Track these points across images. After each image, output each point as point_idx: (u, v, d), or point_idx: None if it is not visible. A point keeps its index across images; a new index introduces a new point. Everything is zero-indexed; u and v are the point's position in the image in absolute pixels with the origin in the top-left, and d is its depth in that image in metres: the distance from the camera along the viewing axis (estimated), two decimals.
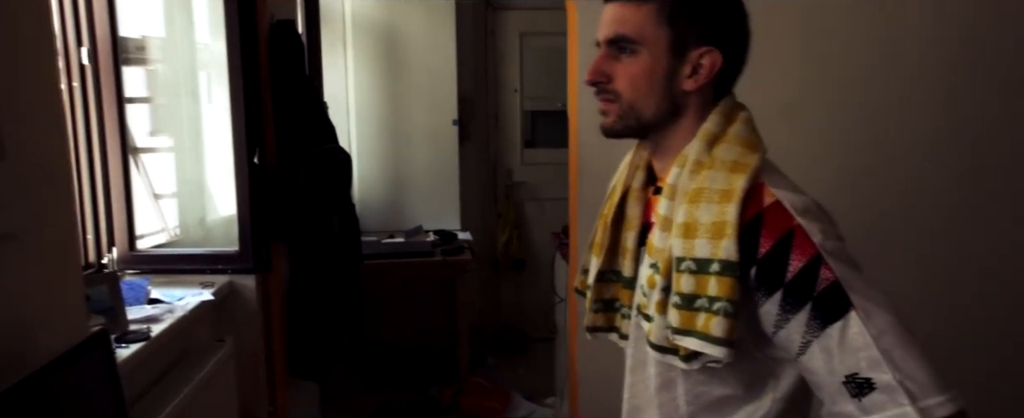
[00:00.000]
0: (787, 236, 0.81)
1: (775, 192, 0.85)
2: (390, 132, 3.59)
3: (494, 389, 3.20)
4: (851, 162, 2.15)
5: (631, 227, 1.03)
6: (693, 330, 0.86)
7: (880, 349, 0.76)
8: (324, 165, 2.35)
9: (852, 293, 0.78)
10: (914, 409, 0.74)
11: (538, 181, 3.94)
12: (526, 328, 3.89)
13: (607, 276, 1.07)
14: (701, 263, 0.85)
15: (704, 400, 0.96)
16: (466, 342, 3.25)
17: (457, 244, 3.33)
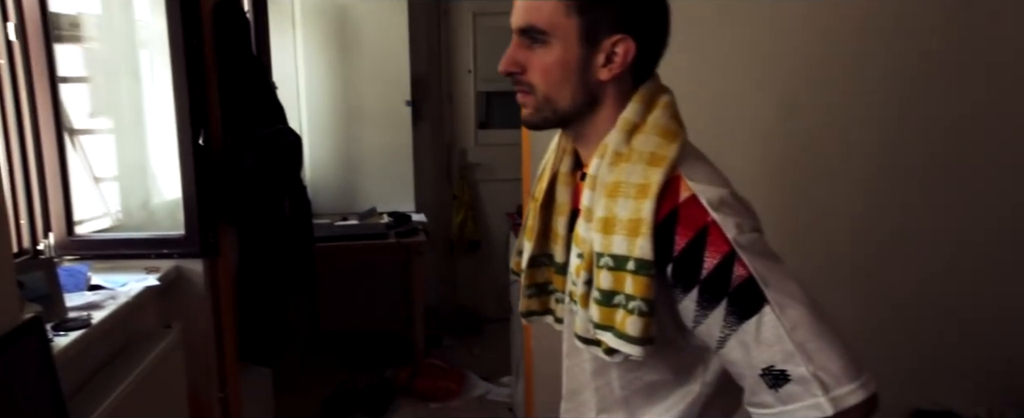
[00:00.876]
0: (702, 233, 0.81)
1: (691, 185, 0.84)
2: (342, 113, 3.54)
3: (450, 370, 3.22)
4: (779, 154, 2.23)
5: (561, 212, 1.02)
6: (611, 327, 0.87)
7: (794, 342, 0.77)
8: (273, 147, 2.30)
9: (766, 288, 0.79)
10: (826, 399, 0.76)
11: (493, 162, 3.94)
12: (482, 309, 3.91)
13: (540, 260, 1.07)
14: (618, 260, 0.85)
15: (637, 385, 0.97)
16: (421, 324, 3.25)
17: (411, 226, 3.32)
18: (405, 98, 3.56)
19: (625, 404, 1.00)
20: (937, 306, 2.37)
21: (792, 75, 2.17)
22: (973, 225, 2.31)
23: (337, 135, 3.55)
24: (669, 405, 0.97)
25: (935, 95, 2.23)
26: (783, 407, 0.79)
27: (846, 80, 2.18)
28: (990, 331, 2.41)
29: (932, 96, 2.23)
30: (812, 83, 2.18)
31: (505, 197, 3.62)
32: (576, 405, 1.08)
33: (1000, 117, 2.25)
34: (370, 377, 3.15)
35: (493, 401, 3.05)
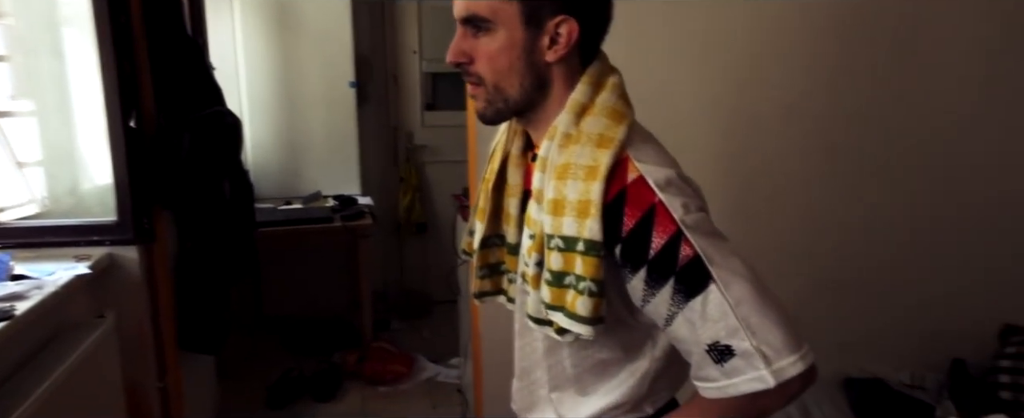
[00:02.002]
0: (649, 213, 0.82)
1: (639, 166, 0.85)
2: (284, 95, 3.45)
3: (399, 353, 3.21)
4: (726, 143, 2.29)
5: (513, 193, 1.02)
6: (562, 307, 0.88)
7: (738, 318, 0.80)
8: (211, 129, 2.23)
9: (712, 266, 0.81)
10: (768, 371, 0.79)
11: (440, 144, 3.91)
12: (430, 291, 3.90)
13: (492, 241, 1.07)
14: (568, 241, 0.86)
15: (588, 363, 1.00)
16: (369, 307, 3.23)
17: (357, 209, 3.27)
18: (349, 79, 3.49)
19: (576, 381, 1.02)
20: (867, 284, 2.50)
21: (740, 64, 2.23)
22: (901, 213, 2.45)
23: (279, 117, 3.46)
24: (619, 381, 1.00)
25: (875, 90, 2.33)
26: (728, 381, 0.82)
27: (791, 73, 2.25)
28: (913, 306, 2.55)
29: (871, 90, 2.33)
30: (759, 72, 2.24)
31: (452, 179, 3.61)
32: (528, 383, 1.09)
33: (932, 116, 2.38)
34: (317, 362, 3.11)
35: (442, 383, 3.06)
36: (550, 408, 1.06)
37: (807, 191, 2.39)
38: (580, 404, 1.03)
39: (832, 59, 2.29)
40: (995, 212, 2.50)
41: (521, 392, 1.11)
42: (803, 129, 2.33)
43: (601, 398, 1.01)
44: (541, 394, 1.07)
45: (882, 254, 2.48)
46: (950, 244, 2.51)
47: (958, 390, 2.40)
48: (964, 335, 2.58)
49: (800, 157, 2.36)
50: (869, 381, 2.44)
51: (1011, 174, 2.48)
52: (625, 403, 1.01)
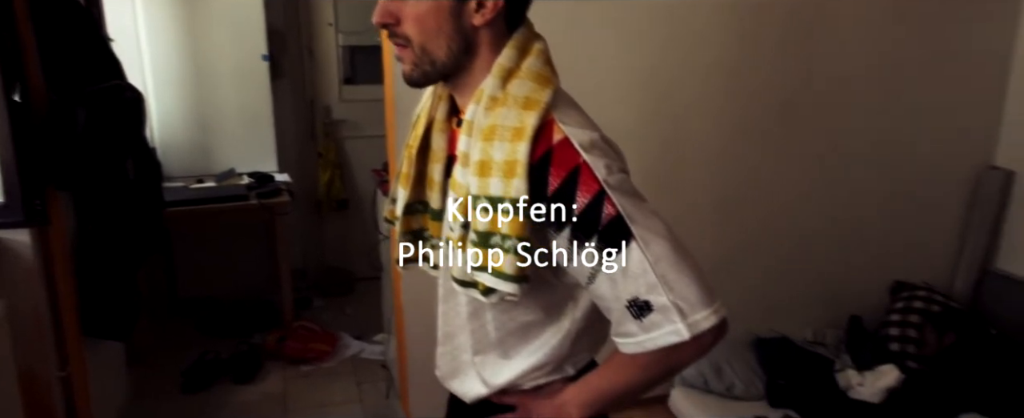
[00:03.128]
0: (574, 173, 0.84)
1: (564, 128, 0.87)
2: (191, 69, 3.29)
3: (321, 332, 3.16)
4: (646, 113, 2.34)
5: (437, 159, 1.02)
6: (488, 267, 0.89)
7: (657, 274, 0.82)
8: (108, 104, 2.11)
9: (633, 225, 0.83)
10: (684, 324, 0.83)
11: (359, 118, 3.83)
12: (353, 268, 3.84)
13: (415, 207, 1.07)
14: (495, 201, 0.87)
15: (511, 326, 1.01)
16: (289, 286, 3.16)
17: (274, 186, 3.18)
18: (261, 52, 3.36)
19: (500, 345, 1.04)
20: (773, 250, 2.63)
21: (657, 46, 2.30)
22: (803, 184, 2.60)
23: (187, 92, 3.30)
24: (541, 343, 1.02)
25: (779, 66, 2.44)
26: (647, 335, 0.85)
27: (702, 50, 2.34)
28: (815, 269, 2.72)
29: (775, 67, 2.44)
30: (674, 52, 2.32)
31: (372, 154, 3.55)
32: (451, 349, 1.10)
33: (829, 91, 2.52)
34: (235, 344, 3.03)
35: (367, 360, 3.04)
36: (473, 372, 1.07)
37: (716, 163, 2.49)
38: (503, 367, 1.05)
39: (740, 36, 2.37)
40: (887, 182, 2.68)
41: (445, 357, 1.12)
42: (716, 104, 2.42)
43: (524, 360, 1.03)
44: (464, 359, 1.08)
45: (787, 222, 2.62)
46: (848, 211, 2.68)
47: (854, 344, 2.58)
48: (861, 293, 2.77)
49: (712, 129, 2.45)
50: (776, 340, 2.58)
51: (900, 147, 2.65)
52: (547, 364, 1.03)
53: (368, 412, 2.65)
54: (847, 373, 2.44)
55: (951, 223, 2.79)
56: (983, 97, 2.68)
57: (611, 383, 0.96)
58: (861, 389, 2.36)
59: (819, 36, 2.44)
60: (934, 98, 2.62)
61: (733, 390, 2.42)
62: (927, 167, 2.69)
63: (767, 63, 2.41)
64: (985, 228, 2.71)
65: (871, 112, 2.57)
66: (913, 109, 2.61)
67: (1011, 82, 2.65)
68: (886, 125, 2.60)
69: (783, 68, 2.44)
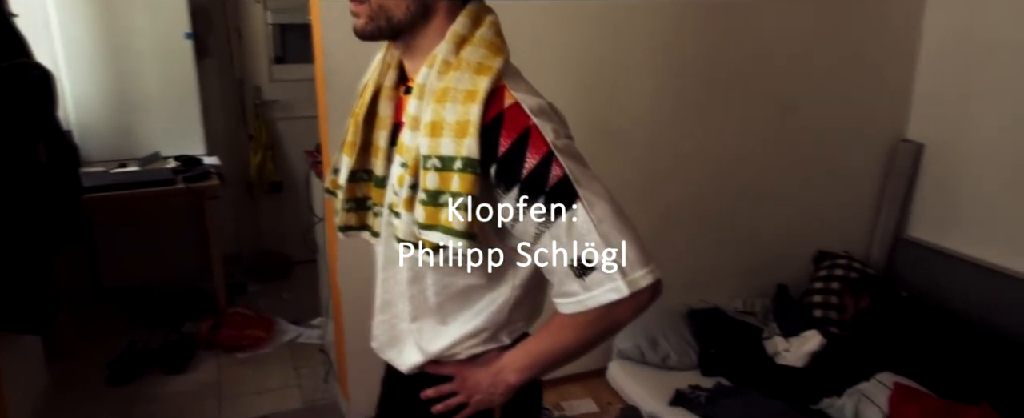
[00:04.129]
0: (524, 135, 0.87)
1: (514, 94, 0.90)
2: (108, 47, 3.12)
3: (257, 317, 3.09)
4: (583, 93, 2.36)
5: (383, 126, 1.04)
6: (437, 225, 0.90)
7: (600, 234, 0.86)
8: (12, 84, 1.99)
9: (579, 186, 0.87)
10: (624, 282, 0.86)
11: (291, 99, 3.73)
12: (288, 251, 3.77)
13: (359, 175, 1.09)
14: (445, 160, 0.89)
15: (451, 290, 1.02)
16: (221, 272, 3.07)
17: (202, 169, 3.07)
18: (184, 30, 3.22)
19: (438, 310, 1.04)
20: (702, 222, 2.71)
21: (591, 26, 2.33)
22: (727, 158, 2.67)
23: (104, 72, 3.14)
24: (480, 309, 1.03)
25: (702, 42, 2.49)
26: (588, 293, 0.88)
27: (632, 29, 2.37)
28: (744, 241, 2.81)
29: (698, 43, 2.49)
30: (606, 31, 2.35)
31: (305, 135, 3.46)
32: (389, 317, 1.11)
33: (759, 71, 2.60)
34: (165, 334, 2.93)
35: (305, 344, 2.99)
36: (411, 340, 1.08)
37: (646, 141, 2.54)
38: (440, 334, 1.05)
39: (668, 16, 2.41)
40: (808, 156, 2.79)
41: (382, 326, 1.12)
42: (645, 83, 2.46)
43: (461, 326, 1.04)
44: (402, 327, 1.08)
45: (714, 197, 2.70)
46: (772, 185, 2.78)
47: (780, 312, 2.69)
48: (787, 263, 2.88)
49: (642, 107, 2.49)
50: (708, 311, 2.67)
51: (819, 123, 2.76)
52: (484, 331, 1.04)
53: (306, 397, 2.62)
54: (774, 340, 2.55)
55: (868, 194, 2.93)
56: (895, 73, 2.81)
57: (549, 345, 0.99)
58: (787, 355, 2.47)
59: (741, 14, 2.50)
60: (850, 75, 2.73)
61: (668, 361, 2.49)
62: (845, 141, 2.82)
63: (693, 41, 2.47)
64: (898, 198, 2.86)
65: (791, 90, 2.67)
66: (830, 86, 2.71)
67: (920, 60, 2.79)
68: (806, 102, 2.70)
69: (708, 46, 2.50)
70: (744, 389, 2.29)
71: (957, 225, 2.70)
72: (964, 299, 2.55)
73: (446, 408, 1.07)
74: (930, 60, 2.76)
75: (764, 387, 2.28)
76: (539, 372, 1.03)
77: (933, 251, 2.75)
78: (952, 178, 2.71)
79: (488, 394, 1.04)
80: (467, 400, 1.06)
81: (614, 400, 2.47)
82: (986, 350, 2.27)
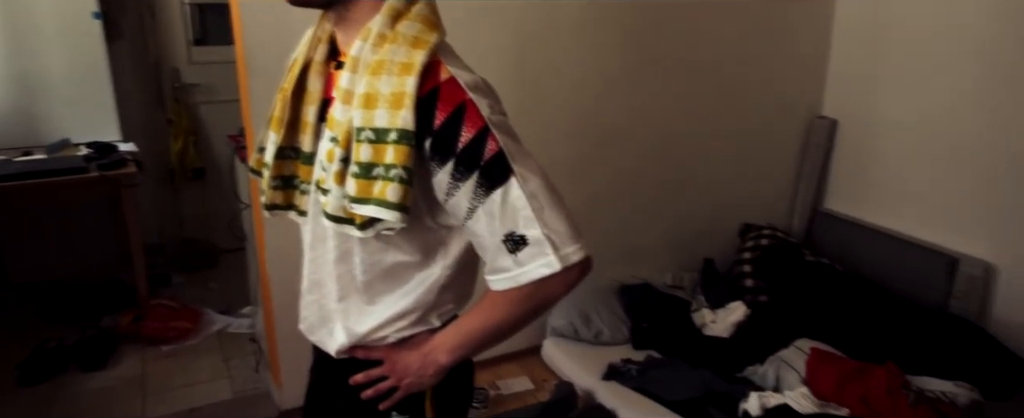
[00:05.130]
0: (460, 109, 0.87)
1: (450, 69, 0.89)
2: (7, 27, 2.92)
3: (182, 308, 2.99)
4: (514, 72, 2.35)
5: (312, 101, 1.02)
6: (370, 198, 0.89)
7: (533, 209, 0.87)
8: None
9: (513, 161, 0.87)
10: (556, 257, 0.88)
11: (212, 82, 3.59)
12: (214, 240, 3.64)
13: (286, 152, 1.06)
14: (380, 132, 0.88)
15: (379, 268, 1.01)
16: (141, 263, 2.94)
17: (118, 157, 2.93)
18: (91, 9, 3.04)
19: (366, 289, 1.02)
20: (631, 200, 2.77)
21: (519, 14, 2.34)
22: (654, 137, 2.73)
23: (4, 53, 2.94)
24: (408, 289, 1.02)
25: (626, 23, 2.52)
26: (520, 268, 0.89)
27: (559, 11, 2.39)
28: (670, 217, 2.89)
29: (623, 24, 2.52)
30: (534, 13, 2.35)
31: (228, 119, 3.33)
32: (317, 297, 1.08)
33: (673, 44, 2.63)
34: (82, 329, 2.80)
35: (234, 334, 2.91)
36: (338, 320, 1.06)
37: (574, 120, 2.56)
38: (367, 314, 1.04)
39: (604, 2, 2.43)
40: (732, 134, 2.88)
41: (310, 307, 1.10)
42: (573, 63, 2.48)
43: (389, 306, 1.02)
44: (330, 307, 1.06)
45: (643, 175, 2.76)
46: (698, 162, 2.86)
47: (708, 285, 2.78)
48: (713, 237, 2.98)
49: (569, 87, 2.51)
50: (639, 286, 2.73)
51: (741, 101, 2.85)
52: (413, 311, 1.03)
53: (237, 387, 2.55)
54: (702, 312, 2.63)
55: (788, 168, 3.05)
56: (811, 53, 2.93)
57: (481, 324, 0.99)
58: (714, 326, 2.56)
59: None
60: (769, 56, 2.83)
61: (601, 337, 2.54)
62: (766, 119, 2.92)
63: (618, 22, 2.50)
64: (815, 172, 2.99)
65: (714, 70, 2.75)
66: (751, 66, 2.81)
67: (833, 39, 2.91)
68: (728, 81, 2.79)
69: (632, 30, 2.54)
70: (673, 360, 2.37)
71: (869, 197, 2.85)
72: (875, 266, 2.70)
73: (376, 393, 1.06)
74: (843, 41, 2.89)
75: (692, 358, 2.36)
76: (471, 351, 1.03)
77: (847, 222, 2.89)
78: (864, 153, 2.86)
79: (419, 376, 1.04)
80: (397, 383, 1.05)
81: (549, 377, 2.51)
82: (893, 313, 2.41)
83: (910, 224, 2.69)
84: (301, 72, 1.03)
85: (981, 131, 2.43)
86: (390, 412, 1.07)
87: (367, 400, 1.06)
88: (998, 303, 2.43)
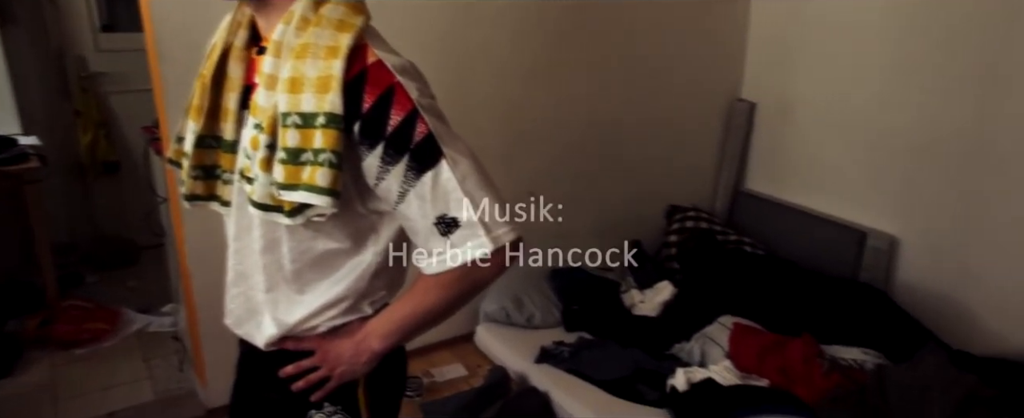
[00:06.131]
0: (388, 92, 0.86)
1: (378, 53, 0.89)
2: None
3: (97, 309, 2.85)
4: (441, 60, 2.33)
5: (233, 88, 1.00)
6: (299, 184, 0.88)
7: (464, 191, 0.87)
8: None
9: (443, 144, 0.87)
10: (488, 238, 0.88)
11: (124, 71, 3.39)
12: (131, 236, 3.48)
13: (207, 141, 1.03)
14: (307, 117, 0.87)
15: (309, 256, 0.99)
16: (49, 263, 2.78)
17: (18, 151, 2.75)
18: None
19: (295, 278, 1.00)
20: (561, 184, 2.80)
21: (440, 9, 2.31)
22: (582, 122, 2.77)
23: None
24: (340, 277, 1.00)
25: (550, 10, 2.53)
26: (453, 251, 0.90)
27: (479, 12, 2.38)
28: (599, 201, 2.93)
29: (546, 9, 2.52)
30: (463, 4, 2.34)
31: (141, 109, 3.17)
32: (244, 290, 1.06)
33: (599, 29, 2.67)
34: None
35: (156, 333, 2.80)
36: (267, 312, 1.03)
37: (502, 107, 2.57)
38: (297, 304, 1.02)
39: None
40: (657, 118, 2.95)
41: (236, 300, 1.07)
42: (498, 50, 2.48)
43: (319, 295, 1.01)
44: (258, 299, 1.04)
45: (572, 160, 2.80)
46: (625, 147, 2.91)
47: (636, 267, 2.85)
48: (641, 220, 3.05)
49: (495, 74, 2.52)
50: (570, 270, 2.78)
51: (665, 86, 2.93)
52: (344, 300, 1.01)
53: (160, 388, 2.45)
54: (631, 293, 2.70)
55: (711, 151, 3.16)
56: (730, 38, 3.03)
57: (413, 309, 0.98)
58: (642, 306, 2.64)
59: None
60: (690, 41, 2.91)
61: (533, 320, 2.58)
62: (688, 103, 3.01)
63: (538, 8, 2.51)
64: (736, 153, 3.10)
65: (637, 57, 2.81)
66: (673, 51, 2.88)
67: (751, 24, 3.02)
68: (651, 68, 2.85)
69: (552, 13, 2.55)
70: (604, 341, 2.42)
71: (786, 177, 2.98)
72: (792, 242, 2.83)
73: (308, 384, 1.04)
74: (759, 26, 3.00)
75: (622, 338, 2.42)
76: (404, 337, 1.03)
77: (767, 201, 3.02)
78: (780, 135, 2.98)
79: (352, 365, 1.03)
80: (330, 373, 1.03)
81: (483, 362, 2.52)
82: (808, 287, 2.54)
83: (823, 202, 2.83)
84: (220, 58, 1.00)
85: (886, 114, 2.57)
86: (322, 403, 1.05)
87: (298, 392, 1.04)
88: (901, 273, 2.60)
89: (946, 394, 1.79)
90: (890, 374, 1.95)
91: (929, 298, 2.47)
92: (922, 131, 2.46)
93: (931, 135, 2.43)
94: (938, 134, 2.41)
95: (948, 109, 2.37)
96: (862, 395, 1.91)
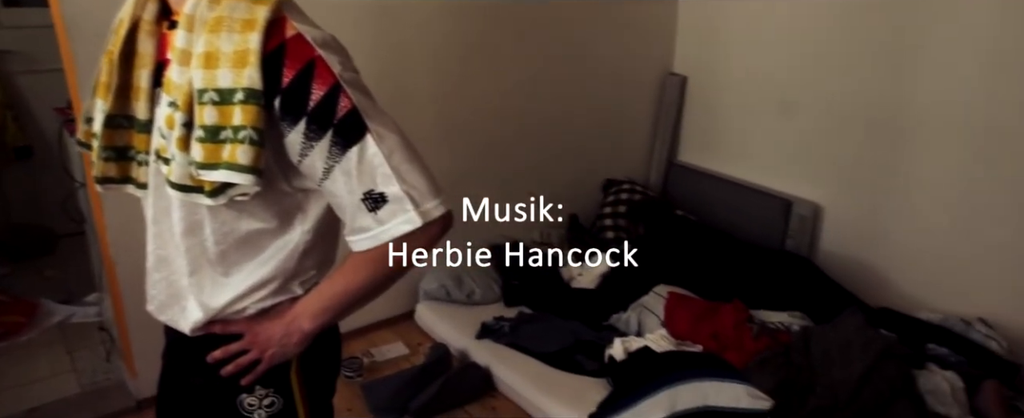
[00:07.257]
0: (309, 66, 0.84)
1: (297, 26, 0.86)
2: None
3: (12, 301, 2.71)
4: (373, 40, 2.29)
5: (144, 65, 0.95)
6: (219, 162, 0.85)
7: (391, 166, 0.86)
8: None
9: (368, 119, 0.85)
10: (417, 213, 0.87)
11: (31, 49, 3.21)
12: (49, 224, 3.31)
13: (118, 121, 0.98)
14: (224, 93, 0.83)
15: (233, 237, 0.96)
16: None
17: None
18: None
19: (221, 260, 0.97)
20: (501, 163, 2.80)
21: None
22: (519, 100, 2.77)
23: None
24: (266, 257, 0.97)
25: None
26: (381, 227, 0.88)
27: None
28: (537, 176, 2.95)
29: None
30: None
31: (53, 90, 3.00)
32: (166, 275, 1.02)
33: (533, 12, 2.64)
34: None
35: (79, 324, 2.68)
36: (190, 295, 1.00)
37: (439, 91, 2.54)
38: (223, 286, 0.99)
39: None
40: (592, 93, 2.97)
41: (158, 285, 1.03)
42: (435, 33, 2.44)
43: (246, 277, 0.98)
44: (181, 284, 1.00)
45: (511, 138, 2.80)
46: (561, 124, 2.93)
47: (574, 240, 2.89)
48: (578, 193, 3.09)
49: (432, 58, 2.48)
50: (508, 245, 2.79)
51: (599, 61, 2.95)
52: (272, 281, 0.99)
53: (85, 380, 2.36)
54: (569, 266, 2.74)
55: (645, 124, 3.21)
56: (660, 13, 3.06)
57: (343, 287, 0.97)
58: (580, 279, 2.67)
59: None
60: (622, 15, 2.93)
61: (473, 297, 2.58)
62: (622, 78, 3.04)
63: None
64: (669, 126, 3.16)
65: (570, 35, 2.82)
66: (605, 27, 2.90)
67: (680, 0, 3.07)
68: (584, 44, 2.87)
69: None
70: (544, 314, 2.45)
71: (717, 148, 3.06)
72: (723, 212, 2.92)
73: (237, 368, 1.01)
74: (689, 1, 3.04)
75: (562, 311, 2.46)
76: (336, 316, 1.01)
77: (698, 172, 3.10)
78: (711, 107, 3.05)
79: (282, 346, 1.00)
80: (260, 356, 1.01)
81: (424, 340, 2.52)
82: (738, 255, 2.63)
83: (751, 172, 2.92)
84: (129, 33, 0.95)
85: (809, 86, 2.66)
86: (253, 387, 1.03)
87: (227, 377, 1.01)
88: (824, 239, 2.71)
89: (865, 350, 1.90)
90: (814, 334, 2.04)
91: (850, 262, 2.60)
92: (841, 103, 2.56)
93: (849, 106, 2.54)
94: (854, 104, 2.52)
95: (862, 81, 2.48)
96: (788, 355, 2.00)
